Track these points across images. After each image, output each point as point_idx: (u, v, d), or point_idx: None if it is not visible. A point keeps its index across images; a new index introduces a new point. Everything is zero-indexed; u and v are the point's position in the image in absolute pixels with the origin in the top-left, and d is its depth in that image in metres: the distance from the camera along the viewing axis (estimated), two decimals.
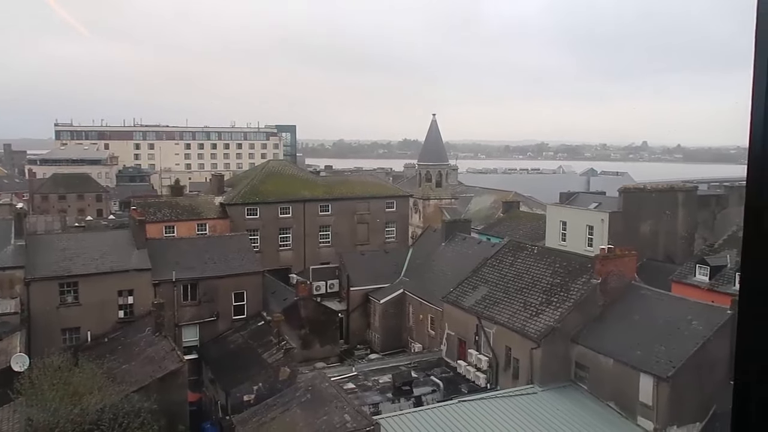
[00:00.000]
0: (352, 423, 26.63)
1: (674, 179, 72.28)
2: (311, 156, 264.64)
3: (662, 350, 27.71)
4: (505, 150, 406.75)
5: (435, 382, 35.14)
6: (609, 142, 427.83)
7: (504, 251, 40.30)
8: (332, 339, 43.65)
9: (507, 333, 33.81)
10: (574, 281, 33.74)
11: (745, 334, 1.57)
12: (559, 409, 29.21)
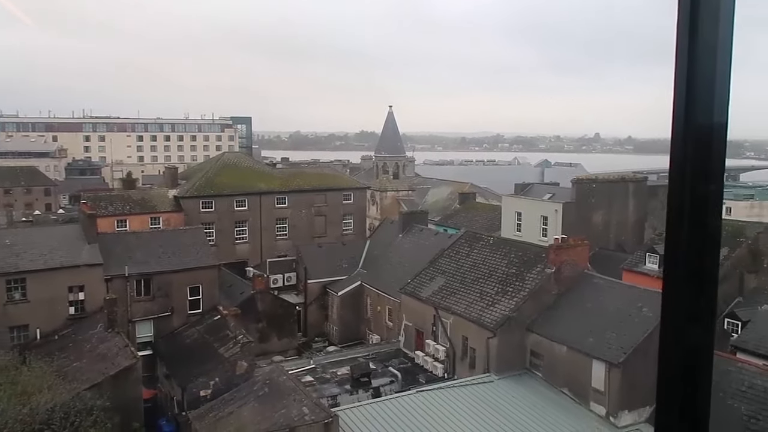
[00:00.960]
0: (310, 416, 26.57)
1: (625, 170, 73.99)
2: (267, 148, 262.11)
3: (614, 337, 28.40)
4: (461, 142, 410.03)
5: (393, 373, 35.32)
6: (563, 134, 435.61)
7: (460, 242, 40.67)
8: (290, 332, 43.43)
9: (464, 323, 34.17)
10: (528, 271, 34.28)
11: (667, 319, 1.61)
12: (514, 397, 29.70)
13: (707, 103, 1.54)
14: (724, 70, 1.53)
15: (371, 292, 46.17)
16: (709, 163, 1.53)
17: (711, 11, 1.46)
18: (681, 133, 1.51)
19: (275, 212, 58.50)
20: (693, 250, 1.55)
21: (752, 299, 35.85)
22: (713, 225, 1.56)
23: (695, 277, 1.59)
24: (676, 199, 1.53)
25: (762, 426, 24.42)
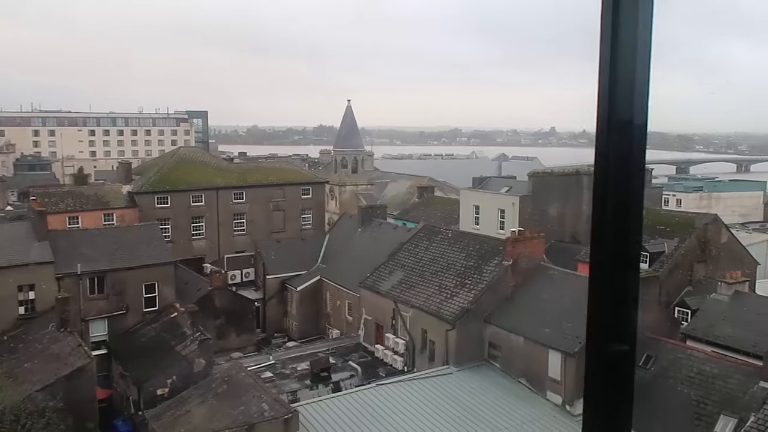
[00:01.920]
0: (270, 412, 26.45)
1: (580, 163, 75.38)
2: (224, 143, 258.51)
3: (569, 327, 28.97)
4: (420, 136, 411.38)
5: (353, 367, 35.40)
6: (519, 128, 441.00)
7: (419, 236, 40.91)
8: (249, 328, 43.08)
9: (423, 316, 34.42)
10: (486, 263, 34.70)
11: (593, 303, 1.67)
12: (473, 388, 30.07)
13: (628, 100, 1.60)
14: (644, 69, 1.60)
15: (331, 286, 46.10)
16: (630, 156, 1.60)
17: (630, 14, 1.53)
18: (605, 129, 1.58)
19: (233, 208, 57.81)
20: (617, 239, 1.62)
21: (701, 288, 36.98)
22: (635, 215, 1.64)
23: (619, 263, 1.65)
24: (600, 191, 1.60)
25: (710, 410, 25.27)
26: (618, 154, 1.60)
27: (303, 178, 64.39)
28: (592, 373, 1.68)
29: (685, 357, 28.04)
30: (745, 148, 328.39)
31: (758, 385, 24.48)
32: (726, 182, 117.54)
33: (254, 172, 62.56)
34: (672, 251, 38.14)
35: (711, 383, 26.11)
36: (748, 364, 26.30)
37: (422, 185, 72.50)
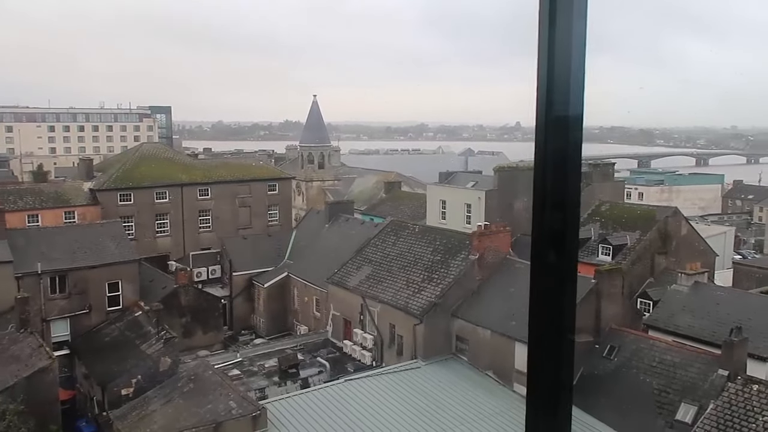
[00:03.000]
0: (237, 409, 26.27)
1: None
2: (189, 138, 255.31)
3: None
4: (386, 131, 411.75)
5: (321, 363, 35.35)
6: (485, 123, 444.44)
7: (386, 231, 40.97)
8: (215, 326, 42.65)
9: (391, 311, 34.52)
10: (453, 258, 34.93)
11: (534, 297, 1.71)
12: (441, 381, 30.29)
13: (565, 96, 1.64)
14: (579, 64, 1.64)
15: (298, 282, 45.91)
16: (567, 150, 1.65)
17: (566, 8, 1.57)
18: (543, 123, 1.63)
19: (198, 204, 57.12)
20: (556, 231, 1.67)
21: (662, 279, 37.78)
22: (572, 207, 1.68)
23: (558, 253, 1.70)
24: (540, 183, 1.65)
25: (671, 398, 25.89)
26: (556, 148, 1.64)
27: (269, 174, 63.94)
28: (534, 365, 1.73)
29: (647, 347, 28.65)
30: (704, 142, 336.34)
31: (717, 373, 25.14)
32: (686, 176, 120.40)
33: (219, 168, 61.90)
34: (634, 244, 38.89)
35: (672, 372, 26.73)
36: (708, 353, 26.99)
37: (389, 180, 72.58)
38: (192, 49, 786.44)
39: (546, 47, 1.60)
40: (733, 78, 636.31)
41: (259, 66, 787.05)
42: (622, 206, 45.81)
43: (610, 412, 26.86)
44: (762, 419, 21.97)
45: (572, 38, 1.59)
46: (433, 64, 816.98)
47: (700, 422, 23.27)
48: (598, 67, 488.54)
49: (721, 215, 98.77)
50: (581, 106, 1.62)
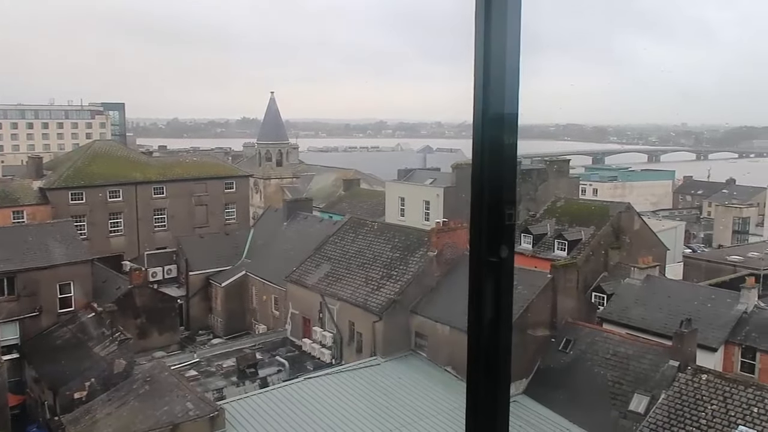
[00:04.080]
0: (194, 411, 25.88)
1: None
2: (143, 136, 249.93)
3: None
4: (345, 128, 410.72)
5: (280, 362, 35.10)
6: (443, 120, 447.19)
7: (345, 228, 40.89)
8: (172, 326, 41.98)
9: (350, 308, 34.47)
10: (412, 255, 35.06)
11: (473, 291, 1.72)
12: (400, 378, 30.39)
13: (500, 94, 1.65)
14: (514, 65, 1.65)
15: (256, 281, 45.49)
16: (503, 147, 1.66)
17: (500, 12, 1.58)
18: (479, 121, 1.64)
19: (153, 203, 56.08)
20: (492, 225, 1.68)
21: (616, 273, 38.64)
22: (508, 203, 1.70)
23: (495, 248, 1.71)
24: (477, 180, 1.66)
25: (625, 390, 26.49)
26: (492, 145, 1.66)
27: (226, 172, 63.21)
28: (473, 358, 1.74)
29: (601, 340, 29.26)
30: (655, 139, 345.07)
31: (668, 363, 25.82)
32: (638, 172, 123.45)
33: (175, 166, 60.91)
34: (589, 239, 39.66)
35: (626, 364, 27.36)
36: (659, 345, 27.71)
37: (348, 178, 72.48)
38: (146, 45, 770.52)
39: (482, 46, 1.62)
40: (683, 76, 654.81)
41: (216, 62, 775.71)
42: (577, 202, 46.72)
43: (566, 404, 27.37)
44: (710, 408, 22.67)
45: (507, 38, 1.61)
46: (390, 61, 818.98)
47: (652, 412, 23.88)
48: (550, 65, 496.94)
49: (672, 210, 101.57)
50: (516, 104, 1.65)
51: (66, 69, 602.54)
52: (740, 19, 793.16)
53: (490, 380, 1.66)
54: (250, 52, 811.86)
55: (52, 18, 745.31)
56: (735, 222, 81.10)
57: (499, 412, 1.64)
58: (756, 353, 29.26)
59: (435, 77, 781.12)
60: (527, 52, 1.83)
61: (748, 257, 48.91)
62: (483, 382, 1.67)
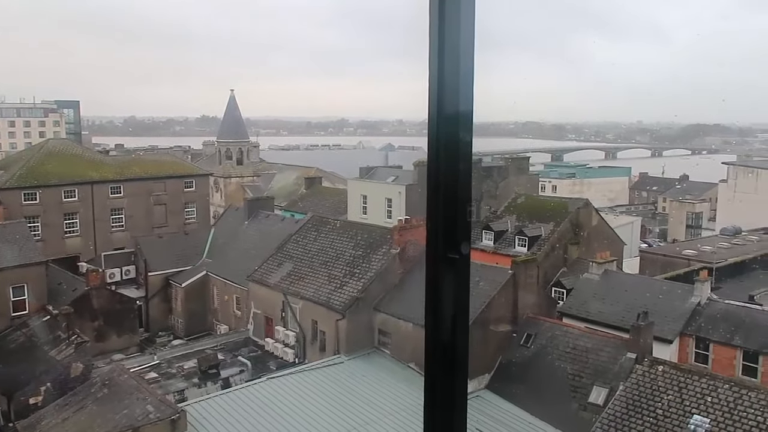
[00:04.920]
0: (155, 413, 25.45)
1: None
2: (99, 134, 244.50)
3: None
4: (307, 126, 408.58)
5: (243, 363, 34.79)
6: (405, 118, 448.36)
7: (308, 227, 40.71)
8: (130, 328, 41.21)
9: (313, 307, 34.35)
10: (375, 252, 35.10)
11: (430, 289, 1.73)
12: (364, 376, 30.42)
13: (454, 92, 1.67)
14: (468, 64, 1.67)
15: (217, 281, 44.97)
16: (458, 145, 1.68)
17: (454, 10, 1.60)
18: (434, 119, 1.66)
19: (110, 203, 54.94)
20: (448, 222, 1.69)
21: (575, 268, 39.33)
22: (464, 200, 1.72)
23: (451, 245, 1.73)
24: (433, 177, 1.68)
25: (584, 382, 27.01)
26: (447, 143, 1.68)
27: (185, 171, 62.30)
28: (430, 354, 1.75)
29: (561, 334, 29.76)
30: (612, 136, 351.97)
31: (626, 356, 26.42)
32: (596, 169, 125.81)
33: (132, 165, 59.79)
34: (548, 235, 40.28)
35: (585, 357, 27.89)
36: (617, 337, 28.32)
37: (310, 176, 72.15)
38: (100, 41, 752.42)
39: (436, 44, 1.63)
40: (637, 75, 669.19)
41: (173, 59, 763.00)
42: (537, 199, 47.40)
43: (528, 398, 27.77)
44: (666, 398, 23.26)
45: (461, 35, 1.63)
46: (350, 59, 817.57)
47: (610, 403, 24.39)
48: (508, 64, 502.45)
49: (629, 206, 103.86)
50: (471, 101, 1.67)
51: (18, 66, 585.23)
52: (691, 20, 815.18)
53: (447, 376, 1.68)
54: (208, 49, 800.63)
55: (4, 14, 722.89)
56: (688, 217, 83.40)
57: (457, 408, 1.66)
58: (709, 344, 30.16)
59: (396, 75, 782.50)
60: (485, 50, 1.84)
61: (701, 251, 50.33)
62: (441, 378, 1.69)
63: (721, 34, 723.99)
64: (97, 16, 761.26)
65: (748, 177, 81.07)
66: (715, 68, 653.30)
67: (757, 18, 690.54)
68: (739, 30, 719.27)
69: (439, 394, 1.73)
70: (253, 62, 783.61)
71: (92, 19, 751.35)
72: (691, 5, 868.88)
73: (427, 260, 1.80)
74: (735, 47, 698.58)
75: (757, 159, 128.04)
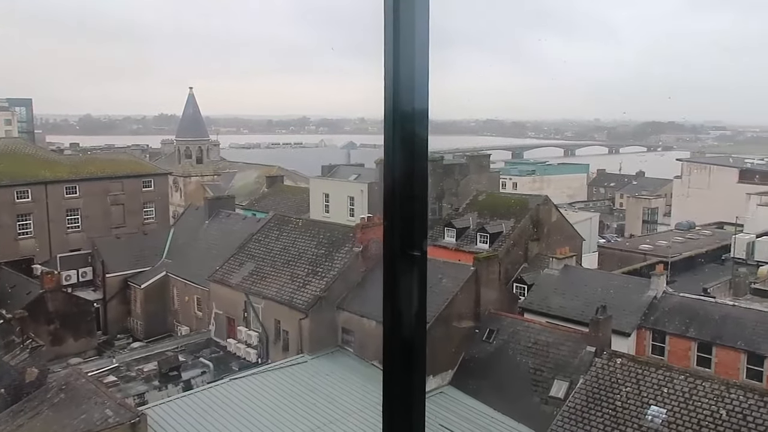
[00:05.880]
0: (114, 417, 24.94)
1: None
2: (53, 133, 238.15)
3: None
4: (268, 124, 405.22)
5: (204, 364, 34.36)
6: (366, 116, 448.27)
7: (270, 226, 40.39)
8: (88, 331, 40.38)
9: (276, 306, 34.11)
10: (337, 251, 35.02)
11: (387, 288, 1.74)
12: (328, 375, 30.33)
13: (410, 90, 1.68)
14: (423, 62, 1.68)
15: (178, 282, 44.31)
16: (414, 143, 1.69)
17: (408, 9, 1.61)
18: (390, 117, 1.66)
19: (65, 203, 53.62)
20: (405, 219, 1.70)
21: (536, 264, 39.90)
22: (420, 198, 1.73)
23: (408, 242, 1.73)
24: (389, 175, 1.68)
25: (546, 376, 27.41)
26: (403, 141, 1.68)
27: (143, 170, 61.21)
28: (388, 351, 1.75)
29: (523, 329, 30.14)
30: (571, 134, 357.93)
31: (585, 349, 26.90)
32: (555, 166, 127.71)
33: (88, 164, 58.52)
34: (509, 231, 40.76)
35: (546, 351, 28.30)
36: (577, 332, 28.82)
37: (271, 174, 71.64)
38: (54, 37, 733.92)
39: (391, 42, 1.64)
40: (593, 73, 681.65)
41: (130, 56, 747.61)
42: (498, 196, 47.91)
43: (491, 393, 28.06)
44: (625, 390, 23.77)
45: (415, 34, 1.63)
46: (311, 57, 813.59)
47: (571, 396, 24.81)
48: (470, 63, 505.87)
49: (587, 202, 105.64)
50: (426, 99, 1.67)
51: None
52: (641, 19, 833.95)
53: (406, 373, 1.68)
54: (165, 46, 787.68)
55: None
56: (645, 212, 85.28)
57: (415, 405, 1.66)
58: (665, 336, 30.92)
59: (357, 72, 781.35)
60: (444, 49, 1.85)
61: (657, 245, 51.55)
62: (399, 375, 1.69)
63: (672, 33, 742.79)
64: (51, 12, 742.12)
65: (701, 173, 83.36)
66: (666, 67, 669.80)
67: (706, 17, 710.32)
68: (689, 29, 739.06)
69: (397, 391, 1.73)
70: (212, 60, 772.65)
71: (46, 14, 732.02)
72: (640, 5, 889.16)
73: (384, 257, 1.80)
74: (685, 46, 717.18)
75: (710, 155, 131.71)
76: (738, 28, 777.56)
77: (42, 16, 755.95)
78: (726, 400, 21.96)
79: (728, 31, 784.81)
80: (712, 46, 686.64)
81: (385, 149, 1.70)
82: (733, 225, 54.33)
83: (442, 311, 29.26)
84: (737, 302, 34.00)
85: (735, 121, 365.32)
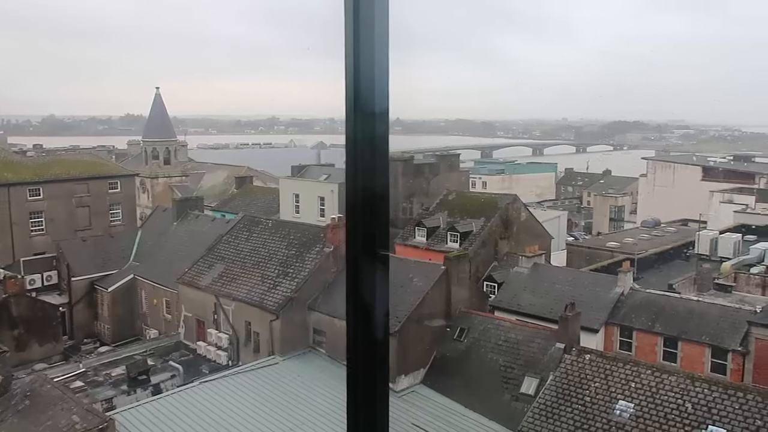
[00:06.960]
0: (81, 423, 24.48)
1: (394, 150, 78.28)
2: (15, 134, 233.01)
3: (390, 309, 30.04)
4: (236, 125, 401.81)
5: (174, 367, 33.91)
6: (336, 116, 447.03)
7: (239, 227, 40.06)
8: (53, 336, 39.55)
9: (246, 308, 33.84)
10: (308, 251, 34.87)
11: (350, 288, 1.75)
12: (299, 376, 30.21)
13: (370, 90, 1.69)
14: (383, 62, 1.68)
15: (146, 284, 43.69)
16: (375, 143, 1.70)
17: (368, 9, 1.62)
18: (351, 117, 1.67)
19: (28, 205, 52.51)
20: (367, 216, 1.71)
21: (506, 262, 40.23)
22: (382, 197, 1.74)
23: (370, 242, 1.74)
24: (351, 175, 1.69)
25: (516, 373, 27.66)
26: (364, 141, 1.69)
27: (109, 171, 60.26)
28: (352, 352, 1.76)
29: (493, 327, 30.38)
30: (539, 133, 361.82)
31: (555, 346, 27.22)
32: (524, 165, 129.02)
33: (52, 166, 57.35)
34: (479, 230, 41.02)
35: (516, 349, 28.57)
36: (547, 329, 29.14)
37: (240, 175, 71.09)
38: (14, 37, 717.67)
39: (351, 42, 1.64)
40: (558, 73, 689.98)
41: (94, 56, 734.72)
42: (468, 195, 48.18)
43: (462, 391, 28.22)
44: (594, 385, 24.11)
45: (375, 33, 1.63)
46: (279, 57, 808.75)
47: (541, 393, 25.08)
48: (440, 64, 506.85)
49: (555, 201, 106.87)
50: (387, 98, 1.68)
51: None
52: (603, 19, 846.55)
53: (370, 372, 1.68)
54: (130, 46, 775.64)
55: None
56: (611, 210, 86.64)
57: (378, 405, 1.66)
58: (632, 332, 31.44)
59: (326, 73, 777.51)
60: (414, 50, 1.88)
61: (624, 243, 52.41)
62: (363, 375, 1.69)
63: (634, 33, 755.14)
64: (12, 11, 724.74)
65: (665, 171, 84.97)
66: (630, 66, 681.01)
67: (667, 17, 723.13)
68: (651, 29, 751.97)
69: (361, 390, 1.73)
70: (178, 60, 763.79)
71: (6, 14, 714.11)
72: (602, 6, 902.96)
73: (347, 257, 1.80)
74: (647, 46, 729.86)
75: (674, 154, 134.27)
76: (697, 30, 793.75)
77: (1, 15, 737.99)
78: (691, 393, 22.41)
79: (688, 34, 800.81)
80: (674, 47, 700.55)
81: (346, 148, 1.70)
82: (697, 222, 55.51)
83: (413, 310, 29.33)
84: (701, 297, 34.71)
85: (698, 120, 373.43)
